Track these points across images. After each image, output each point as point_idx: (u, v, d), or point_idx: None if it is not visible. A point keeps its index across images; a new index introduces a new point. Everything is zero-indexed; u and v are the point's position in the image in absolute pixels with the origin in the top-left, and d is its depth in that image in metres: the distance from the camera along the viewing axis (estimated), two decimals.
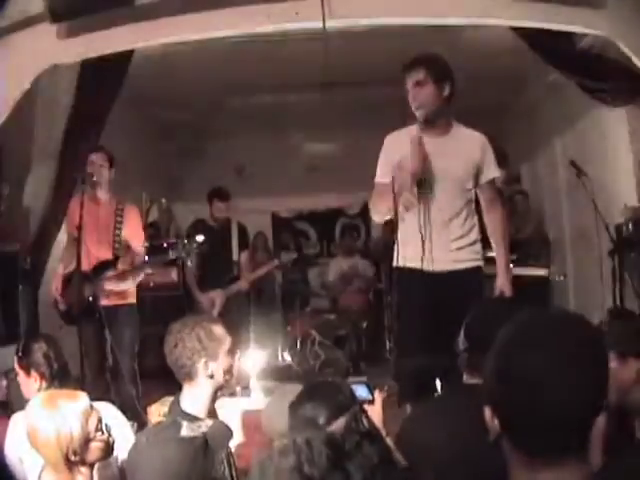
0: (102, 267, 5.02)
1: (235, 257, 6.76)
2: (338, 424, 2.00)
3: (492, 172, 3.97)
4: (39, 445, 2.36)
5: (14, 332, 4.83)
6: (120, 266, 5.03)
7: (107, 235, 5.12)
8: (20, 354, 3.26)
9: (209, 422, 2.71)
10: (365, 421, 2.06)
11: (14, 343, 3.31)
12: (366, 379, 2.84)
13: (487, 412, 1.46)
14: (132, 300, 5.27)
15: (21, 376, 3.23)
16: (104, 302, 4.96)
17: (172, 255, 5.16)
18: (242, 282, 6.75)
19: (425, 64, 3.76)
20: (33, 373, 3.18)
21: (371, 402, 2.62)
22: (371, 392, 2.71)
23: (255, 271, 7.14)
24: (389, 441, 2.33)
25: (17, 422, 2.92)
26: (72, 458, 2.34)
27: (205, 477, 2.53)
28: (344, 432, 1.95)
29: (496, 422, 1.44)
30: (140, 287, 5.44)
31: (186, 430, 2.62)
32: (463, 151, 3.90)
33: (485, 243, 4.17)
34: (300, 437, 1.92)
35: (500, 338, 1.49)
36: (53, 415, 2.34)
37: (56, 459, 2.33)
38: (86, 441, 2.38)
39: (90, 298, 4.89)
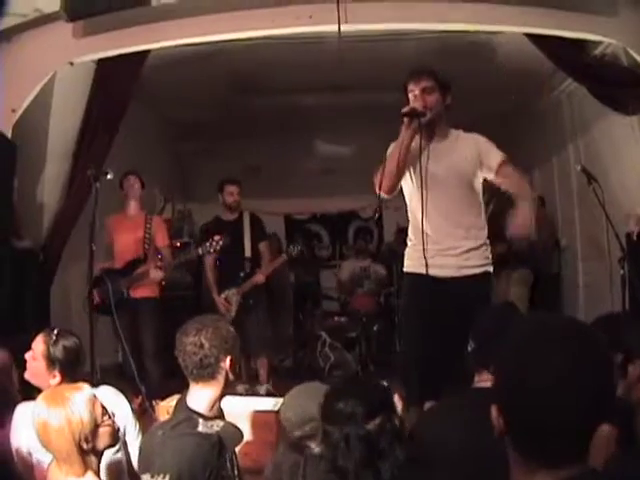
0: (134, 264, 5.86)
1: (247, 252, 6.33)
2: (374, 423, 2.05)
3: (496, 156, 3.88)
4: (52, 438, 2.40)
5: (25, 326, 4.86)
6: (149, 262, 5.85)
7: (138, 239, 5.94)
8: (50, 347, 3.16)
9: (220, 423, 2.73)
10: (396, 421, 2.11)
11: (25, 337, 3.27)
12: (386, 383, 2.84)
13: (493, 411, 1.49)
14: (156, 294, 6.00)
15: (40, 367, 3.15)
16: (133, 295, 5.81)
17: (200, 252, 5.89)
18: (258, 276, 6.30)
19: (432, 74, 3.90)
20: (54, 370, 3.10)
21: None
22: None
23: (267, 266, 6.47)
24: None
25: (23, 413, 2.93)
26: (84, 446, 2.41)
27: (217, 474, 2.56)
28: (379, 431, 2.02)
29: (501, 421, 1.46)
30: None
31: (202, 427, 2.65)
32: (462, 149, 3.93)
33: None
34: (338, 431, 1.98)
35: (510, 341, 1.52)
36: (62, 407, 2.40)
37: (69, 450, 2.39)
38: (95, 427, 2.45)
39: (124, 291, 5.76)
